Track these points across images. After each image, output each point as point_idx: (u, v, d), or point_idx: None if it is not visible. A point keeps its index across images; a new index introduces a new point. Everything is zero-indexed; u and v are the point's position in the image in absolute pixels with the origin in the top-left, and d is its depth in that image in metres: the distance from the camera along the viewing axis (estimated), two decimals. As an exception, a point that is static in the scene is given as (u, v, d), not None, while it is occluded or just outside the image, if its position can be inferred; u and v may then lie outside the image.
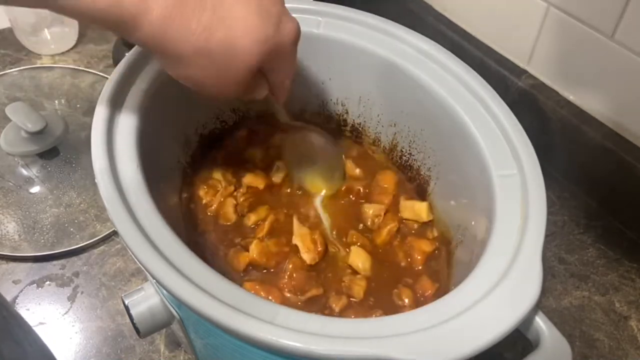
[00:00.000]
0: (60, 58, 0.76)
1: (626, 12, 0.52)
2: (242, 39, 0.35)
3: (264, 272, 0.45)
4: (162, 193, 0.44)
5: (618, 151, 0.57)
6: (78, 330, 0.51)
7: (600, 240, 0.59)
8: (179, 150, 0.50)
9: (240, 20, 0.35)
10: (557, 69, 0.62)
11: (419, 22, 0.73)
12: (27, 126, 0.59)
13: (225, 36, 0.34)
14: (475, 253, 0.39)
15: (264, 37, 0.36)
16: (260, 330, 0.30)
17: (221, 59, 0.35)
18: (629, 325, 0.53)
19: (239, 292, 0.32)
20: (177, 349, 0.49)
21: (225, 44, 0.35)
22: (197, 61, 0.35)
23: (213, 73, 0.36)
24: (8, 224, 0.57)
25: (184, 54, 0.34)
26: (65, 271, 0.54)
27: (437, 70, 0.47)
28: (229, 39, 0.35)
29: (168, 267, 0.32)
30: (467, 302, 0.33)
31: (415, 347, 0.30)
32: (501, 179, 0.40)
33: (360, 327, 0.31)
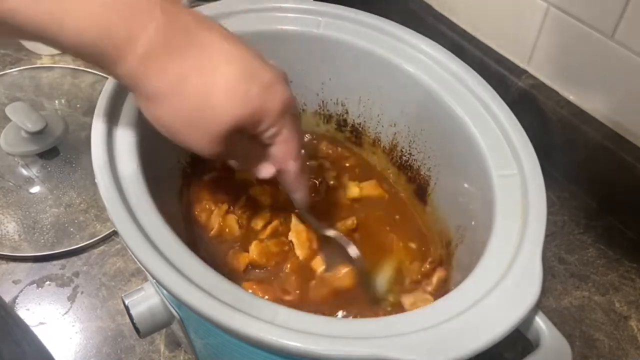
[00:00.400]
0: (60, 58, 0.76)
1: (626, 12, 0.52)
2: (219, 91, 0.33)
3: (263, 271, 0.45)
4: (162, 193, 0.44)
5: (618, 151, 0.57)
6: (78, 330, 0.51)
7: (600, 240, 0.59)
8: (179, 150, 0.50)
9: (223, 71, 0.34)
10: (557, 69, 0.62)
11: (419, 22, 0.73)
12: (27, 126, 0.59)
13: (202, 82, 0.33)
14: (475, 253, 0.39)
15: (245, 96, 0.34)
16: (260, 330, 0.30)
17: (194, 106, 0.33)
18: (629, 325, 0.53)
19: (239, 292, 0.32)
20: (177, 349, 0.49)
21: (200, 92, 0.33)
22: (171, 102, 0.33)
23: (185, 120, 0.34)
24: (8, 224, 0.57)
25: (159, 92, 0.33)
26: (65, 271, 0.54)
27: (437, 70, 0.47)
28: (206, 86, 0.33)
29: (168, 267, 0.32)
30: (467, 302, 0.33)
31: (415, 347, 0.30)
32: (501, 179, 0.40)
33: (360, 327, 0.31)
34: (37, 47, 0.75)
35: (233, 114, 0.34)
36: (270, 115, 0.35)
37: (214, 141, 0.35)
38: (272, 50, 0.51)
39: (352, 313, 0.44)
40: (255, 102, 0.34)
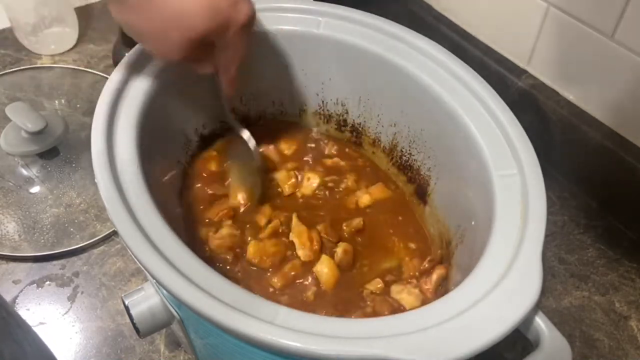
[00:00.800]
0: (60, 58, 0.76)
1: (626, 12, 0.52)
2: (191, 4, 0.36)
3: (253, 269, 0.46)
4: (162, 193, 0.44)
5: (618, 151, 0.57)
6: (78, 330, 0.51)
7: (600, 240, 0.59)
8: (179, 150, 0.50)
9: None
10: (557, 69, 0.62)
11: (419, 22, 0.73)
12: (27, 126, 0.59)
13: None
14: (475, 253, 0.39)
15: (214, 7, 0.37)
16: (260, 330, 0.30)
17: (168, 15, 0.36)
18: (629, 325, 0.53)
19: (239, 292, 0.32)
20: (177, 349, 0.49)
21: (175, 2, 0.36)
22: (144, 11, 0.36)
23: (157, 25, 0.37)
24: (8, 224, 0.57)
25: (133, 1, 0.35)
26: (65, 271, 0.54)
27: (437, 70, 0.47)
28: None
29: (168, 267, 0.32)
30: (467, 302, 0.33)
31: (415, 347, 0.30)
32: (501, 179, 0.40)
33: (360, 327, 0.31)
34: (37, 47, 0.75)
35: (203, 23, 0.37)
36: (235, 26, 0.38)
37: (182, 48, 0.38)
38: (273, 50, 0.51)
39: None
40: (224, 14, 0.37)
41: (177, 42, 0.37)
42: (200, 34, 0.37)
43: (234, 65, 0.43)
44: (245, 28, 0.40)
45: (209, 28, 0.37)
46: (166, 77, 0.44)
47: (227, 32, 0.39)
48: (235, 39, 0.40)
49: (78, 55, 0.76)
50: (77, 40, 0.78)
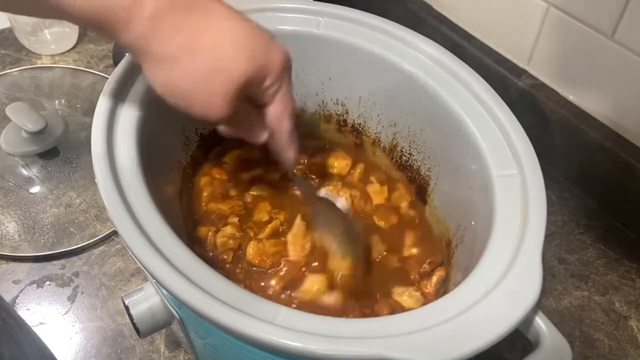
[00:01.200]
0: (60, 58, 0.76)
1: (626, 12, 0.52)
2: (230, 47, 0.35)
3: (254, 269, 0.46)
4: (162, 193, 0.44)
5: (618, 151, 0.57)
6: (78, 330, 0.51)
7: (600, 240, 0.59)
8: (179, 151, 0.50)
9: (232, 30, 0.35)
10: (557, 69, 0.62)
11: (419, 22, 0.73)
12: (27, 126, 0.59)
13: (213, 40, 0.34)
14: (475, 253, 0.39)
15: (252, 51, 0.35)
16: (260, 330, 0.30)
17: (207, 64, 0.34)
18: (629, 325, 0.53)
19: (239, 292, 0.32)
20: (177, 349, 0.49)
21: (213, 48, 0.34)
22: (183, 62, 0.34)
23: (198, 80, 0.35)
24: (8, 224, 0.57)
25: (170, 53, 0.34)
26: (65, 271, 0.54)
27: (437, 71, 0.47)
28: (217, 43, 0.34)
29: (168, 267, 0.32)
30: (467, 302, 0.33)
31: (415, 347, 0.30)
32: (501, 179, 0.40)
33: (360, 327, 0.31)
34: (37, 47, 0.76)
35: (244, 69, 0.35)
36: (273, 71, 0.37)
37: (225, 100, 0.36)
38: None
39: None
40: (261, 58, 0.36)
41: (220, 94, 0.35)
42: (242, 82, 0.35)
43: (286, 119, 0.39)
44: (284, 72, 0.38)
45: (250, 74, 0.35)
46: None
47: (267, 78, 0.37)
48: (277, 86, 0.38)
49: (78, 55, 0.76)
50: (77, 40, 0.78)
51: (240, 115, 0.39)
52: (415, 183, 0.52)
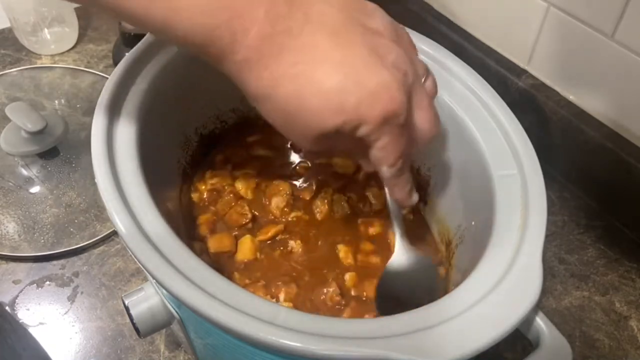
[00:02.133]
0: (60, 58, 0.76)
1: (626, 12, 0.52)
2: (311, 98, 0.32)
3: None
4: (162, 193, 0.44)
5: (618, 151, 0.57)
6: (78, 330, 0.51)
7: (600, 240, 0.59)
8: (179, 151, 0.50)
9: (319, 77, 0.31)
10: (557, 69, 0.62)
11: (419, 22, 0.73)
12: (27, 126, 0.59)
13: (294, 89, 0.32)
14: (476, 253, 0.39)
15: (336, 108, 0.32)
16: (260, 330, 0.30)
17: (286, 110, 0.33)
18: (629, 325, 0.53)
19: (239, 292, 0.32)
20: (177, 349, 0.49)
21: (292, 97, 0.32)
22: (266, 104, 0.33)
23: (282, 121, 0.34)
24: (8, 224, 0.57)
25: (256, 94, 0.33)
26: (65, 271, 0.54)
27: (437, 70, 0.47)
28: (298, 93, 0.32)
29: (168, 267, 0.32)
30: (467, 302, 0.33)
31: (415, 347, 0.30)
32: (501, 179, 0.40)
33: (360, 327, 0.31)
34: (37, 47, 0.76)
35: (324, 122, 0.32)
36: (369, 123, 0.32)
37: (310, 142, 0.34)
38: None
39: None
40: (349, 112, 0.32)
41: (303, 137, 0.34)
42: (322, 132, 0.32)
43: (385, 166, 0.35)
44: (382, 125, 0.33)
45: (333, 124, 0.32)
46: (166, 77, 0.44)
47: (359, 128, 0.32)
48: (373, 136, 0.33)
49: (78, 55, 0.76)
50: (77, 40, 0.78)
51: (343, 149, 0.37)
52: (415, 183, 0.52)
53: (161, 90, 0.44)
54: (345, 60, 0.32)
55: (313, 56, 0.32)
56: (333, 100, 0.32)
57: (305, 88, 0.32)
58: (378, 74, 0.32)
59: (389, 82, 0.32)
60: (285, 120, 0.33)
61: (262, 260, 0.47)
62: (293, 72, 0.32)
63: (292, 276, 0.46)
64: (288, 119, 0.33)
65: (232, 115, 0.54)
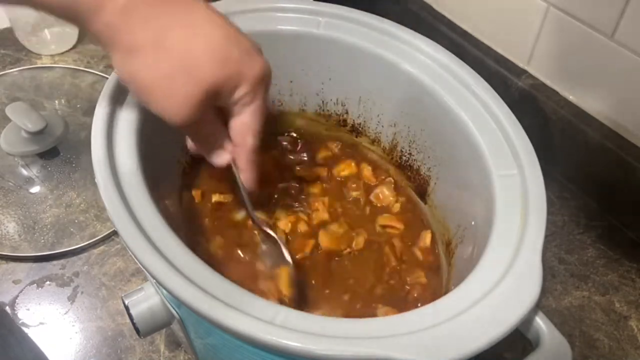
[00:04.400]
0: (60, 58, 0.76)
1: (626, 12, 0.52)
2: (201, 47, 0.33)
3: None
4: (162, 193, 0.44)
5: (618, 151, 0.57)
6: (78, 330, 0.51)
7: (600, 240, 0.59)
8: (179, 150, 0.50)
9: (206, 29, 0.34)
10: (557, 69, 0.62)
11: (419, 22, 0.73)
12: (27, 126, 0.59)
13: (185, 37, 0.33)
14: (475, 253, 0.39)
15: (226, 55, 0.34)
16: (260, 330, 0.30)
17: (174, 62, 0.33)
18: (629, 325, 0.53)
19: (239, 292, 0.32)
20: (177, 349, 0.49)
21: (183, 48, 0.33)
22: (150, 55, 0.33)
23: (163, 77, 0.33)
24: (8, 224, 0.57)
25: (139, 44, 0.33)
26: (65, 271, 0.54)
27: (437, 70, 0.47)
28: (188, 41, 0.33)
29: (168, 267, 0.32)
30: (467, 302, 0.33)
31: (416, 347, 0.30)
32: (501, 179, 0.40)
33: (360, 327, 0.31)
34: (37, 47, 0.75)
35: (213, 73, 0.34)
36: (247, 81, 0.35)
37: (189, 103, 0.34)
38: (272, 50, 0.51)
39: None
40: (235, 65, 0.34)
41: (184, 95, 0.34)
42: (209, 85, 0.33)
43: (251, 135, 0.37)
44: (259, 84, 0.35)
45: (219, 79, 0.33)
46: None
47: (238, 87, 0.34)
48: (249, 98, 0.35)
49: (78, 55, 0.76)
50: (77, 40, 0.78)
51: (207, 128, 0.37)
52: (415, 183, 0.52)
53: (161, 90, 0.43)
54: (222, 20, 0.35)
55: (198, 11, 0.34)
56: (221, 54, 0.33)
57: (196, 40, 0.33)
58: (247, 38, 0.36)
59: (257, 46, 0.36)
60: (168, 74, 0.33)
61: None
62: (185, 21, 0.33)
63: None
64: (172, 72, 0.33)
65: (232, 115, 0.54)
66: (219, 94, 0.35)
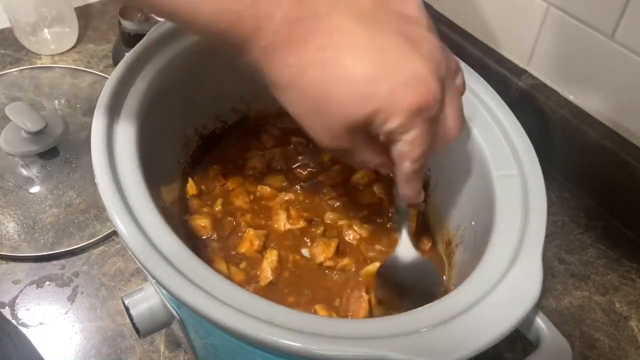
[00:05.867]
0: (60, 58, 0.76)
1: (626, 12, 0.52)
2: (338, 87, 0.30)
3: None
4: (162, 193, 0.44)
5: (618, 151, 0.57)
6: (78, 330, 0.51)
7: (600, 240, 0.59)
8: (179, 151, 0.50)
9: (347, 64, 0.30)
10: (557, 69, 0.62)
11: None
12: (27, 126, 0.59)
13: (320, 77, 0.30)
14: (475, 253, 0.39)
15: (367, 92, 0.30)
16: (260, 330, 0.30)
17: (312, 101, 0.31)
18: (629, 325, 0.53)
19: (239, 292, 0.32)
20: (177, 349, 0.49)
21: (319, 87, 0.31)
22: (291, 93, 0.32)
23: (305, 112, 0.32)
24: (8, 224, 0.57)
25: (280, 83, 0.32)
26: (65, 271, 0.54)
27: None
28: (323, 81, 0.30)
29: (168, 267, 0.32)
30: (467, 302, 0.33)
31: (415, 347, 0.30)
32: (501, 179, 0.40)
33: (360, 327, 0.31)
34: (37, 47, 0.75)
35: (351, 112, 0.31)
36: (399, 115, 0.31)
37: (334, 136, 0.32)
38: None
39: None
40: (379, 102, 0.30)
41: (326, 131, 0.32)
42: (350, 122, 0.31)
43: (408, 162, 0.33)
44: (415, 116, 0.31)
45: (361, 115, 0.31)
46: (166, 77, 0.44)
47: (388, 120, 0.31)
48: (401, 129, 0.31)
49: (78, 55, 0.76)
50: (77, 40, 0.78)
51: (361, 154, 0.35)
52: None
53: (161, 90, 0.44)
54: (376, 46, 0.30)
55: (341, 41, 0.30)
56: (361, 89, 0.30)
57: (333, 74, 0.30)
58: (412, 62, 0.30)
59: (424, 72, 0.30)
60: (310, 110, 0.32)
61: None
62: (320, 58, 0.30)
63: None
64: (313, 108, 0.32)
65: (232, 115, 0.54)
66: (368, 126, 0.32)
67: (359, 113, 0.31)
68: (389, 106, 0.30)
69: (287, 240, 0.48)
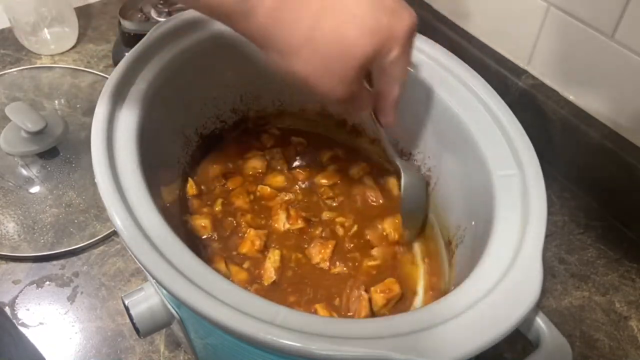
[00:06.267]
0: (60, 58, 0.76)
1: (626, 12, 0.52)
2: (352, 28, 0.33)
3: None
4: (162, 193, 0.44)
5: (618, 151, 0.57)
6: (78, 330, 0.51)
7: (600, 240, 0.59)
8: (179, 151, 0.50)
9: (351, 8, 0.34)
10: (557, 69, 0.62)
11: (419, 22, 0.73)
12: (27, 126, 0.59)
13: (334, 25, 0.33)
14: (476, 253, 0.39)
15: (376, 26, 0.34)
16: (260, 330, 0.30)
17: (328, 50, 0.34)
18: (629, 325, 0.53)
19: (239, 292, 0.32)
20: (177, 349, 0.49)
21: (334, 33, 0.33)
22: (304, 52, 0.34)
23: (319, 66, 0.34)
24: (8, 224, 0.57)
25: (292, 44, 0.34)
26: (65, 271, 0.54)
27: (437, 70, 0.47)
28: (338, 27, 0.33)
29: (168, 267, 0.32)
30: (467, 302, 0.33)
31: (416, 347, 0.30)
32: (501, 179, 0.40)
33: (360, 327, 0.31)
34: (37, 47, 0.75)
35: (365, 49, 0.34)
36: (399, 42, 0.35)
37: (346, 82, 0.35)
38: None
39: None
40: (385, 31, 0.34)
41: (340, 79, 0.35)
42: (365, 58, 0.34)
43: (397, 86, 0.38)
44: (409, 39, 0.36)
45: (371, 50, 0.34)
46: (166, 77, 0.44)
47: (391, 50, 0.35)
48: (399, 56, 0.36)
49: (78, 55, 0.76)
50: (77, 40, 0.78)
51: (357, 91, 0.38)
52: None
53: (161, 90, 0.44)
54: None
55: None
56: (369, 25, 0.33)
57: (345, 18, 0.33)
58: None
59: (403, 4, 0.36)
60: (324, 63, 0.34)
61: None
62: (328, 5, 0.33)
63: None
64: (328, 60, 0.34)
65: (232, 115, 0.55)
66: (373, 61, 0.35)
67: (371, 48, 0.34)
68: (391, 35, 0.34)
69: (289, 240, 0.48)
